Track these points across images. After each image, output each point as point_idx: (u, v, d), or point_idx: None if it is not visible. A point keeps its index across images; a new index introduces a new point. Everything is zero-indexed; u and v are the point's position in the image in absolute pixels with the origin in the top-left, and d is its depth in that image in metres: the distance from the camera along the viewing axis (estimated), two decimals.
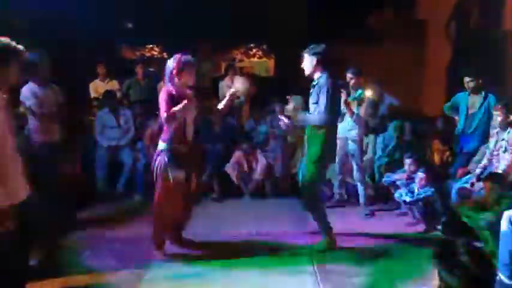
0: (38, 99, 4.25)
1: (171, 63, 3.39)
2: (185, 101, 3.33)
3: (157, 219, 3.55)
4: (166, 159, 3.37)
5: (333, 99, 3.57)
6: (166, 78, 3.43)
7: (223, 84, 7.12)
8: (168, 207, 3.47)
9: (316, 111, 3.60)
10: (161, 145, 3.45)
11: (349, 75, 4.87)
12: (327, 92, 3.53)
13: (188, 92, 3.49)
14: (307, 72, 3.73)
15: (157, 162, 3.42)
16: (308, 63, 3.70)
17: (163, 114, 3.35)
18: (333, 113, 3.63)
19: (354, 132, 4.82)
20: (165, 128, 3.46)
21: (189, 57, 3.44)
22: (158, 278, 3.25)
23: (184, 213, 3.67)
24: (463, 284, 1.52)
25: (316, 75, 3.69)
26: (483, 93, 4.72)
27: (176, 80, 3.38)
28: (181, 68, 3.36)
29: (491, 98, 4.66)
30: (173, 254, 3.64)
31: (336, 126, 3.90)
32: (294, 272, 3.34)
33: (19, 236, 2.22)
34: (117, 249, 3.79)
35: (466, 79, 4.74)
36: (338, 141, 5.15)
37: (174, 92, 3.37)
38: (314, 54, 3.65)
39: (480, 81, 4.68)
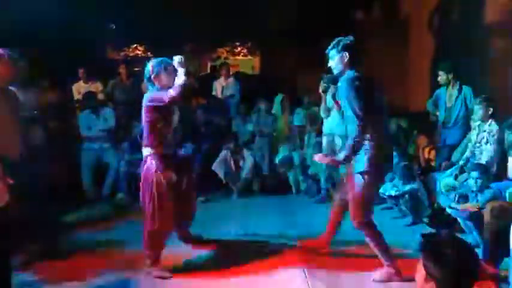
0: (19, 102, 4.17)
1: (147, 70, 3.35)
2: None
3: (154, 229, 3.27)
4: (154, 163, 3.28)
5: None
6: (146, 83, 3.39)
7: (217, 83, 7.13)
8: (165, 214, 3.28)
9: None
10: (146, 150, 3.35)
11: None
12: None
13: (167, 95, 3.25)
14: (336, 71, 3.12)
15: (145, 168, 3.31)
16: (337, 61, 3.06)
17: (146, 122, 3.30)
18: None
19: (341, 128, 4.82)
20: (146, 133, 3.35)
21: (164, 60, 3.35)
22: (145, 280, 3.22)
23: (187, 209, 3.58)
24: (448, 274, 1.54)
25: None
26: (458, 86, 4.83)
27: (156, 83, 3.33)
28: (156, 72, 3.30)
29: (467, 90, 4.79)
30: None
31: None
32: (282, 269, 3.34)
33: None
34: (104, 251, 3.76)
35: (438, 73, 4.88)
36: (325, 137, 5.22)
37: (153, 100, 3.28)
38: (344, 49, 3.04)
39: (450, 75, 4.79)
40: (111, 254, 3.71)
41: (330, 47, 3.12)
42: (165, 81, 3.30)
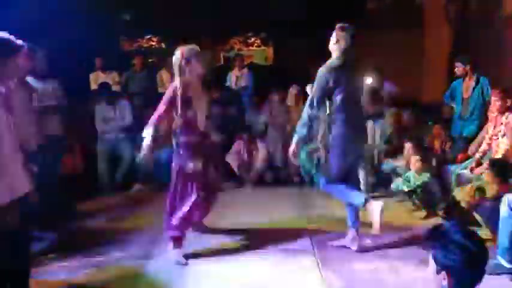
0: (37, 93, 4.25)
1: (176, 57, 3.37)
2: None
3: (183, 214, 3.40)
4: (180, 151, 3.37)
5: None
6: (176, 72, 3.39)
7: (231, 75, 7.15)
8: (189, 199, 3.40)
9: None
10: (175, 138, 3.44)
11: None
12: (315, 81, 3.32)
13: (197, 84, 3.42)
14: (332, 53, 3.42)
15: (174, 156, 3.43)
16: (332, 45, 3.37)
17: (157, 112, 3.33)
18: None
19: None
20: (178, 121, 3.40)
21: (193, 46, 3.41)
22: (161, 268, 3.28)
23: (207, 200, 3.63)
24: (460, 261, 1.53)
25: None
26: (475, 77, 4.77)
27: (186, 71, 3.34)
28: (187, 59, 3.33)
29: (484, 81, 4.72)
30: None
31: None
32: (295, 259, 3.38)
33: (20, 230, 2.24)
34: (120, 241, 3.82)
35: (455, 65, 4.84)
36: None
37: (178, 90, 3.33)
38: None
39: (468, 67, 4.74)
40: (128, 241, 3.79)
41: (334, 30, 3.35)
42: (196, 67, 3.35)
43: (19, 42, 2.42)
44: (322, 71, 3.30)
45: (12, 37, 2.39)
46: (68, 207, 4.51)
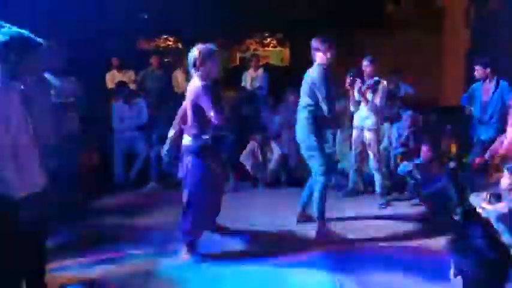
0: (55, 90, 4.31)
1: (193, 54, 3.27)
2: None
3: (198, 216, 3.38)
4: (199, 152, 3.30)
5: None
6: (191, 69, 3.31)
7: (246, 75, 7.17)
8: (208, 201, 3.41)
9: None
10: (188, 139, 3.35)
11: (364, 63, 4.83)
12: None
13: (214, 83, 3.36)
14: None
15: (190, 156, 3.32)
16: None
17: (212, 112, 3.18)
18: None
19: (370, 121, 4.80)
20: (194, 122, 3.31)
21: (211, 46, 3.32)
22: (174, 266, 3.30)
23: (219, 199, 3.66)
24: (477, 267, 1.49)
25: None
26: (495, 80, 4.70)
27: (201, 70, 3.25)
28: (204, 58, 3.24)
29: (504, 85, 4.64)
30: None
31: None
32: (307, 260, 3.37)
33: (36, 226, 2.26)
34: (133, 238, 3.85)
35: (475, 68, 4.78)
36: (354, 131, 5.15)
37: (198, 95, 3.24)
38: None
39: (488, 69, 4.66)
40: (142, 238, 3.82)
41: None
42: (210, 67, 3.26)
43: (38, 39, 2.45)
44: None
45: (31, 34, 2.43)
46: (83, 203, 4.56)
